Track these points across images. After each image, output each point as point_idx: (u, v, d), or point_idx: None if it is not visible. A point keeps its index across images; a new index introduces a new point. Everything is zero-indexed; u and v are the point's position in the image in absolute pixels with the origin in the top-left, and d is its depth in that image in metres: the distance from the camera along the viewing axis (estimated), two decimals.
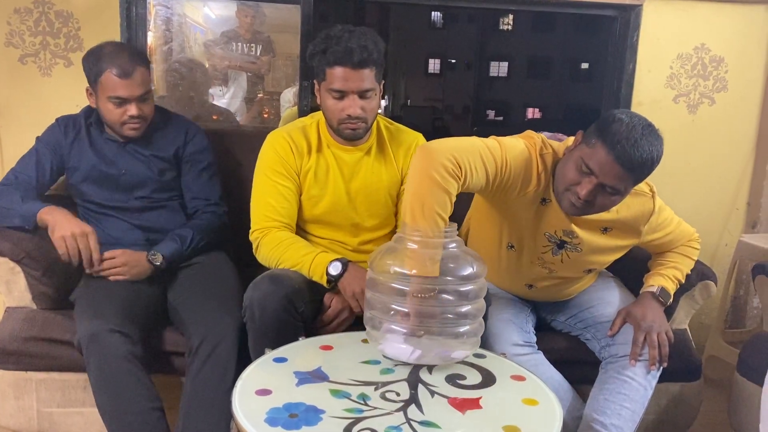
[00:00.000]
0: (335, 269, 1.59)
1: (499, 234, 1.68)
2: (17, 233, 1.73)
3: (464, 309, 1.30)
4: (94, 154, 1.86)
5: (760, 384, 1.51)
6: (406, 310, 1.28)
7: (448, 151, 1.41)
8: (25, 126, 1.82)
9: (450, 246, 1.33)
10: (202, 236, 1.87)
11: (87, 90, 1.82)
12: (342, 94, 1.63)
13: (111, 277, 1.72)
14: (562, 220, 1.59)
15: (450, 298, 1.29)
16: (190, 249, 1.84)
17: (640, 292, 1.75)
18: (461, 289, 1.30)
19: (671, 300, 1.74)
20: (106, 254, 1.74)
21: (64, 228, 1.67)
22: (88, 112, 1.89)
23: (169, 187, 1.92)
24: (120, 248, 1.77)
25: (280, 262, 1.66)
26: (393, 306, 1.29)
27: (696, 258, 1.81)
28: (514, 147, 1.52)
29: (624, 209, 1.60)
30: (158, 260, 1.77)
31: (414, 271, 1.28)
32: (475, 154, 1.45)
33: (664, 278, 1.74)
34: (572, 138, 1.55)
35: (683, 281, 1.78)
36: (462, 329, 1.31)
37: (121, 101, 1.77)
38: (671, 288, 1.74)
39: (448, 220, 1.40)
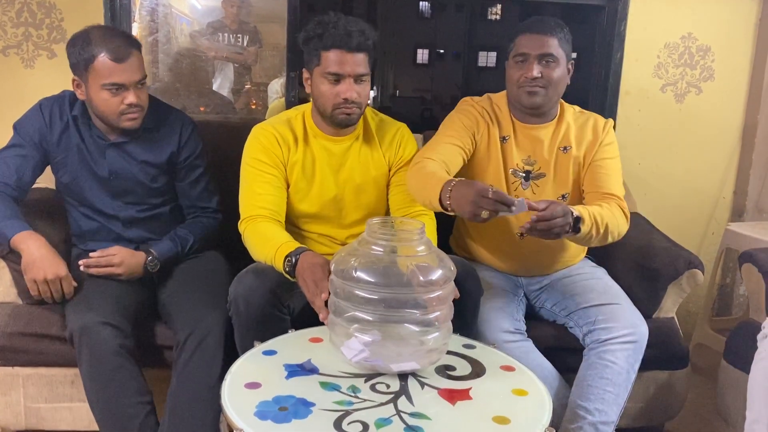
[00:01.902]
0: (288, 265, 1.49)
1: (477, 178, 1.81)
2: None
3: (431, 315, 1.23)
4: (82, 152, 1.74)
5: (747, 371, 1.53)
6: (370, 318, 1.21)
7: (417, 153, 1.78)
8: (7, 119, 1.78)
9: (418, 249, 1.25)
10: (201, 242, 1.86)
11: (74, 81, 1.68)
12: (338, 78, 1.61)
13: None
14: (522, 149, 1.82)
15: (418, 300, 1.21)
16: (186, 253, 1.83)
17: None
18: (429, 295, 1.22)
19: (582, 226, 1.54)
20: (102, 254, 1.70)
21: (37, 270, 1.58)
22: (72, 100, 1.74)
23: (162, 192, 1.85)
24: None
25: (257, 257, 1.63)
26: (355, 313, 1.22)
27: (624, 223, 1.69)
28: (449, 115, 1.86)
29: (579, 122, 1.84)
30: (156, 268, 1.76)
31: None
32: (434, 139, 1.80)
33: (584, 209, 1.58)
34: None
35: (602, 230, 1.60)
36: (428, 337, 1.24)
37: (118, 88, 1.63)
38: (587, 217, 1.55)
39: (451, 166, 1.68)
